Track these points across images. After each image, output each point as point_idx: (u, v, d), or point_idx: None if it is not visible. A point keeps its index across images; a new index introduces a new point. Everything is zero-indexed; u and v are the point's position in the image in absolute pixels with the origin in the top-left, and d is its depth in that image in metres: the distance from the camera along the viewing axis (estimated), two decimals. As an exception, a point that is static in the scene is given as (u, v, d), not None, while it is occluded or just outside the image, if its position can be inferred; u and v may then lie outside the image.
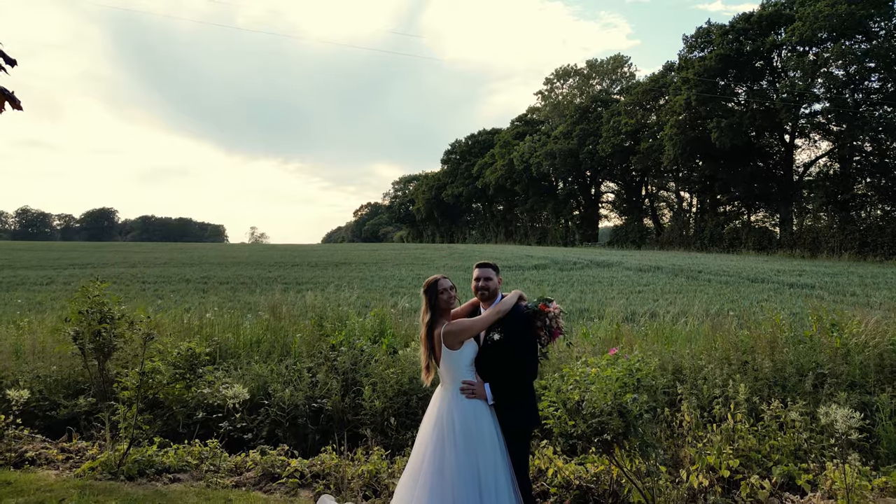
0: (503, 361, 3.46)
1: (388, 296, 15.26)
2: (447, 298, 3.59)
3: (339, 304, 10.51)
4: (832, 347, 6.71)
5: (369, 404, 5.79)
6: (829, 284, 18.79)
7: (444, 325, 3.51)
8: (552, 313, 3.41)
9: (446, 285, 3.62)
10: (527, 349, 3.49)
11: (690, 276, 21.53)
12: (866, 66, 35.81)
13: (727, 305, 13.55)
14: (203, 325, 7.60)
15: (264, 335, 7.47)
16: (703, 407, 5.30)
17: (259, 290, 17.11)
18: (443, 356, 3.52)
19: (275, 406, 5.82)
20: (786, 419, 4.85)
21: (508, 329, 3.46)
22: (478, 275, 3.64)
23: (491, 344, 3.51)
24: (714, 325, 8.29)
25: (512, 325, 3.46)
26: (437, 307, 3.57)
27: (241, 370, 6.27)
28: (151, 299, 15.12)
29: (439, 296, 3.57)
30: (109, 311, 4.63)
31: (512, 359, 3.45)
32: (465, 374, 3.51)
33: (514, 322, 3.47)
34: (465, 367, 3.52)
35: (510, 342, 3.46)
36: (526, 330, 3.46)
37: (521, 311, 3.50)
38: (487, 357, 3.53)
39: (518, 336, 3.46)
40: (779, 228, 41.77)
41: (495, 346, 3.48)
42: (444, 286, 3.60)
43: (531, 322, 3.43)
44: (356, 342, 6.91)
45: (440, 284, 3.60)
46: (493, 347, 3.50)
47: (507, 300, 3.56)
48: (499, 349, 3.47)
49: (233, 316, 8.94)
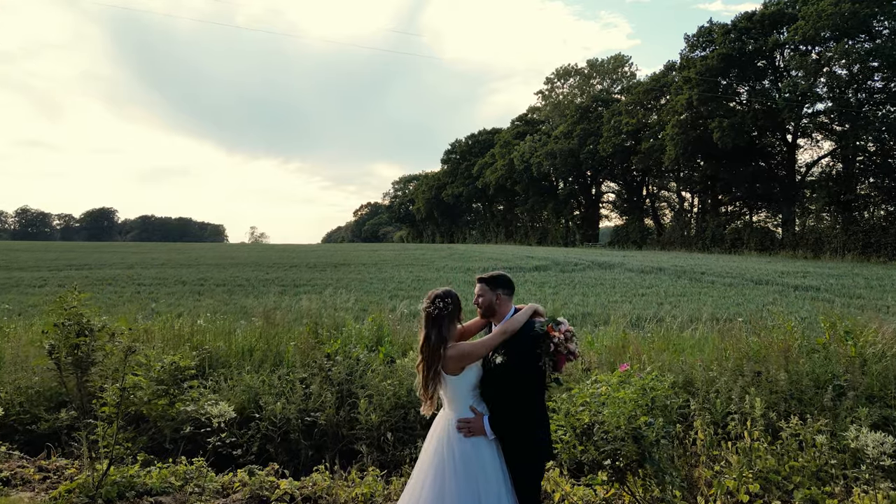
0: (507, 388, 3.11)
1: (387, 298, 14.99)
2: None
3: (335, 309, 10.25)
4: (847, 356, 6.44)
5: (365, 418, 5.51)
6: (835, 287, 18.52)
7: (448, 349, 3.19)
8: (559, 338, 3.09)
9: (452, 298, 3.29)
10: (534, 374, 3.11)
11: (694, 277, 21.26)
12: (869, 66, 35.53)
13: (733, 309, 13.29)
14: (194, 332, 7.33)
15: (257, 343, 7.19)
16: (717, 423, 5.03)
17: (256, 293, 16.85)
18: (442, 380, 3.22)
19: (266, 420, 5.55)
20: (805, 436, 4.58)
21: (513, 350, 3.10)
22: (476, 290, 3.38)
23: (493, 367, 3.16)
24: (723, 331, 8.03)
25: (517, 346, 3.10)
26: (441, 326, 3.23)
27: (231, 381, 5.99)
28: (146, 302, 14.86)
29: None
30: (88, 322, 4.34)
31: (516, 385, 3.10)
32: (468, 400, 3.20)
33: (521, 343, 3.10)
34: (467, 392, 3.21)
35: (514, 366, 3.09)
36: (533, 352, 3.11)
37: (530, 331, 3.14)
38: (490, 381, 3.19)
39: (523, 358, 3.09)
40: (781, 229, 41.49)
41: (498, 370, 3.14)
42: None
43: (537, 345, 3.14)
44: (352, 351, 6.64)
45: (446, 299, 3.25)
46: (496, 371, 3.15)
47: (516, 318, 3.20)
48: (502, 373, 3.12)
49: (226, 322, 8.66)
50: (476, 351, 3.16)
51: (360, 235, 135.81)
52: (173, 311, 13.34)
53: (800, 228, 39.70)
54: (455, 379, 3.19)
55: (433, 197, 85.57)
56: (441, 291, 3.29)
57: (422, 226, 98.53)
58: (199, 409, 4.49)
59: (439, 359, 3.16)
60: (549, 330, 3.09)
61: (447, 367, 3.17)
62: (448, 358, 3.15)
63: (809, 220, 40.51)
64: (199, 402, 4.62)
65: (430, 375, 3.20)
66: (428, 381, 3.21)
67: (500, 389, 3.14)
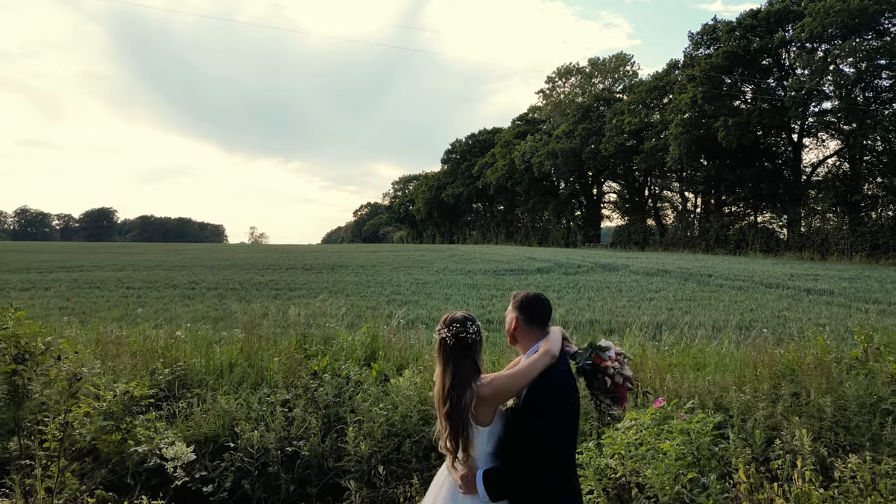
0: (519, 442, 2.35)
1: (384, 304, 14.35)
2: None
3: (329, 316, 9.60)
4: (888, 374, 5.81)
5: (353, 448, 4.86)
6: (848, 290, 17.88)
7: (478, 387, 2.40)
8: (613, 368, 2.44)
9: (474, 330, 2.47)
10: (557, 425, 2.33)
11: (701, 280, 20.61)
12: (877, 64, 34.90)
13: (747, 315, 12.65)
14: (168, 346, 6.67)
15: (238, 359, 6.54)
16: (757, 457, 4.37)
17: (248, 297, 16.19)
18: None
19: (242, 450, 4.89)
20: (863, 476, 3.93)
21: (531, 404, 2.36)
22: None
23: (504, 413, 2.46)
24: (743, 341, 7.39)
25: (536, 400, 2.34)
26: (466, 357, 2.43)
27: (203, 405, 5.34)
28: (132, 307, 14.22)
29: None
30: (27, 345, 3.69)
31: (532, 439, 2.31)
32: (487, 461, 2.42)
33: (540, 396, 2.33)
34: (489, 448, 2.43)
35: (527, 415, 2.35)
36: (554, 395, 2.34)
37: (553, 377, 2.35)
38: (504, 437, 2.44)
39: (540, 403, 2.34)
40: (786, 230, 40.83)
41: (508, 418, 2.45)
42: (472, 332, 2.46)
43: (588, 382, 2.47)
44: (342, 368, 5.99)
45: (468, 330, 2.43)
46: (507, 419, 2.45)
47: (532, 363, 2.37)
48: (514, 423, 2.41)
49: (208, 332, 8.01)
50: (514, 384, 2.37)
51: (360, 236, 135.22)
52: (160, 316, 12.70)
53: (805, 229, 39.04)
54: (483, 431, 2.39)
55: (433, 197, 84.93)
56: (461, 315, 2.50)
57: (422, 226, 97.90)
58: (154, 448, 3.82)
59: (468, 404, 2.36)
60: (597, 361, 2.42)
61: (478, 415, 2.37)
62: (481, 399, 2.36)
63: (815, 221, 39.84)
64: (154, 440, 3.96)
65: (461, 431, 2.34)
66: (459, 438, 2.35)
67: (513, 444, 2.40)
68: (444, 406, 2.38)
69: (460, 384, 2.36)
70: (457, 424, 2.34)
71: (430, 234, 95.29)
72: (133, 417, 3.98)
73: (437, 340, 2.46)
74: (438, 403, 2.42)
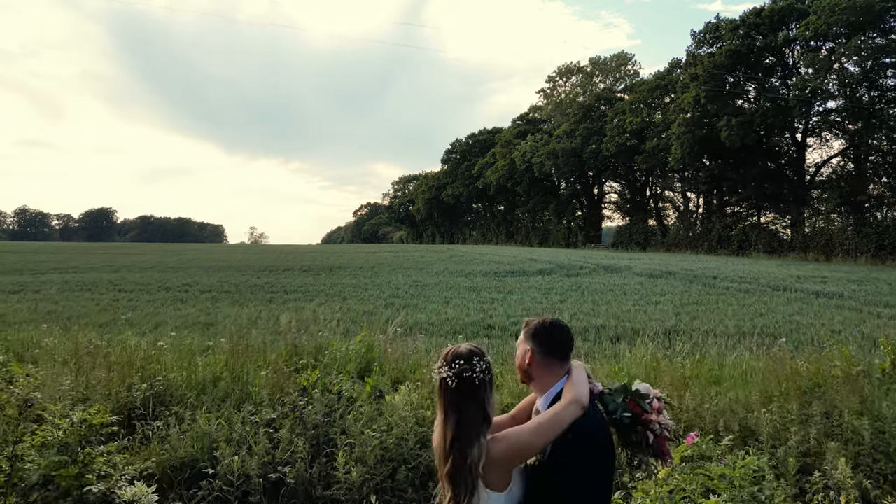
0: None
1: (382, 308, 13.91)
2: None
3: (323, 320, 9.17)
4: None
5: (343, 476, 4.43)
6: (858, 293, 17.43)
7: (488, 443, 1.93)
8: (656, 422, 2.01)
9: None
10: (590, 487, 1.92)
11: (706, 283, 20.17)
12: (882, 63, 34.47)
13: (758, 320, 12.21)
14: (149, 358, 6.23)
15: (223, 372, 6.10)
16: (791, 490, 3.94)
17: (242, 301, 15.77)
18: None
19: (221, 478, 4.46)
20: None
21: (553, 446, 1.94)
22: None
23: (523, 470, 2.01)
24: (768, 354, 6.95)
25: (560, 441, 1.92)
26: (472, 401, 1.95)
27: (181, 426, 4.90)
28: (122, 311, 13.79)
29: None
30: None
31: (559, 500, 1.91)
32: None
33: (568, 452, 1.89)
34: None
35: (553, 474, 1.92)
36: (586, 450, 1.92)
37: (589, 420, 1.92)
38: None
39: (568, 459, 1.91)
40: (790, 230, 40.39)
41: (528, 474, 2.00)
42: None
43: (624, 436, 2.04)
44: (334, 383, 5.56)
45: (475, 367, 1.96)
46: (526, 477, 2.00)
47: (556, 415, 1.89)
48: (535, 483, 1.96)
49: (194, 342, 7.57)
50: (535, 441, 1.91)
51: (360, 236, 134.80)
52: (149, 321, 12.28)
53: (809, 230, 38.60)
54: (496, 497, 1.93)
55: (433, 197, 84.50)
56: (465, 350, 2.02)
57: (422, 226, 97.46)
58: (112, 487, 3.38)
59: (475, 463, 1.88)
60: (635, 411, 1.98)
61: (488, 477, 1.92)
62: (492, 460, 1.90)
63: (819, 222, 39.40)
64: (113, 476, 3.51)
65: (466, 496, 1.88)
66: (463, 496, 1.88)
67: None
68: (446, 464, 1.91)
69: (465, 438, 1.89)
70: (461, 488, 1.87)
71: (430, 235, 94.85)
72: (93, 448, 3.54)
73: (437, 381, 1.98)
74: (439, 461, 1.96)
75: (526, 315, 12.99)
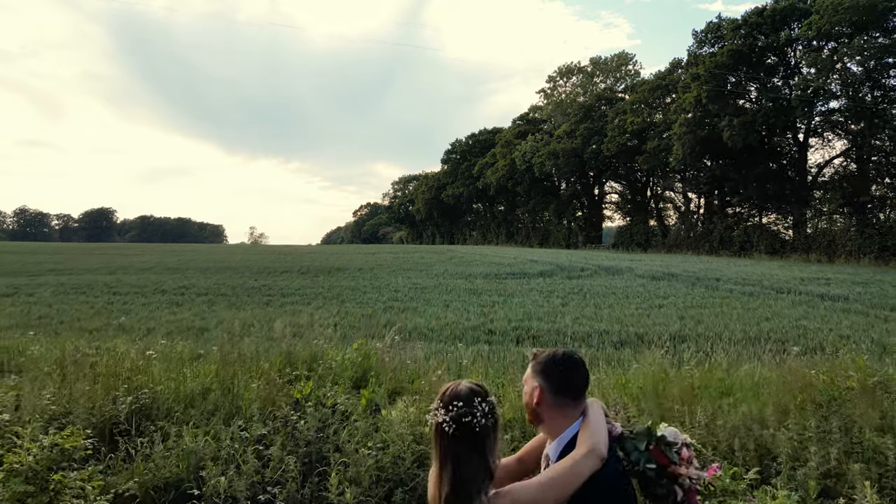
0: None
1: (381, 311, 13.66)
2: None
3: (319, 326, 8.94)
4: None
5: (336, 497, 4.19)
6: (864, 296, 17.18)
7: (489, 500, 1.67)
8: (686, 474, 1.75)
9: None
10: None
11: (709, 285, 19.92)
12: (885, 62, 34.21)
13: (764, 325, 11.97)
14: (136, 368, 5.99)
15: (212, 383, 5.86)
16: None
17: (239, 304, 15.53)
18: None
19: (207, 499, 4.22)
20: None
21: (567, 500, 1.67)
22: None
23: None
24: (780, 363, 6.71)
25: (576, 493, 1.66)
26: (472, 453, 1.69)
27: (167, 443, 4.66)
28: (116, 315, 13.55)
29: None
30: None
31: None
32: None
33: (583, 487, 1.65)
34: None
35: None
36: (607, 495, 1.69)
37: (608, 470, 1.68)
38: None
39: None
40: (792, 231, 40.14)
41: None
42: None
43: (646, 488, 1.78)
44: (328, 396, 5.32)
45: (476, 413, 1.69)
46: None
47: (573, 464, 1.65)
48: None
49: (185, 349, 7.33)
50: (545, 497, 1.65)
51: (360, 236, 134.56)
52: (142, 326, 12.04)
53: (812, 231, 38.34)
54: None
55: (433, 197, 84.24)
56: (465, 390, 1.76)
57: (422, 226, 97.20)
58: (82, 519, 3.14)
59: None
60: (661, 461, 1.72)
61: None
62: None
63: (822, 223, 39.14)
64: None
65: None
66: None
67: None
68: None
69: (464, 494, 1.64)
70: None
71: (430, 235, 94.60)
72: (65, 475, 3.30)
73: (432, 425, 1.74)
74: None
75: (527, 319, 12.73)
